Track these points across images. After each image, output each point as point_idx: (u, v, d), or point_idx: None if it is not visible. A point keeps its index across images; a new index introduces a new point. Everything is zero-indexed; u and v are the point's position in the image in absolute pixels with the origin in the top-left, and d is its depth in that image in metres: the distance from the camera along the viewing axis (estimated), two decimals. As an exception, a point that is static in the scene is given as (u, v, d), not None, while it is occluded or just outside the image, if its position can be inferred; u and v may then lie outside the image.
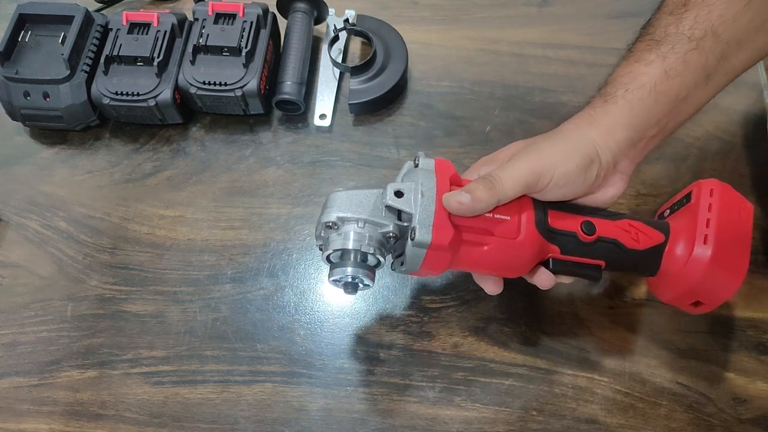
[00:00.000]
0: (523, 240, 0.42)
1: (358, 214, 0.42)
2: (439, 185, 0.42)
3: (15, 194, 0.61)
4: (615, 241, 0.44)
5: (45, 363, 0.53)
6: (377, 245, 0.42)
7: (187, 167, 0.61)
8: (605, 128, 0.43)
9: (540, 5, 0.69)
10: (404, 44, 0.63)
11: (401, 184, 0.42)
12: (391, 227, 0.42)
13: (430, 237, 0.40)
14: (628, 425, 0.49)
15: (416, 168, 0.44)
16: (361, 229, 0.42)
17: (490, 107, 0.63)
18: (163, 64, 0.59)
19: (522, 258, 0.43)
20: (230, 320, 0.54)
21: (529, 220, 0.43)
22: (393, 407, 0.50)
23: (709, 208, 0.43)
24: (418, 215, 0.41)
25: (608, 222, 0.44)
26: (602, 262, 0.45)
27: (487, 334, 0.52)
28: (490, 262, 0.43)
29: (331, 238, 0.43)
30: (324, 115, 0.63)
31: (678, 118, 0.45)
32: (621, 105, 0.43)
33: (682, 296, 0.45)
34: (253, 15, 0.60)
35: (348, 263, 0.42)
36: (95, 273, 0.56)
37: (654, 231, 0.45)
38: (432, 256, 0.41)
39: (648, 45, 0.44)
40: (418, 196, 0.41)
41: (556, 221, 0.44)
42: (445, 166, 0.44)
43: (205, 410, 0.51)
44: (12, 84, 0.59)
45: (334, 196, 0.44)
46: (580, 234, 0.43)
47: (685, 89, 0.43)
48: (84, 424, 0.50)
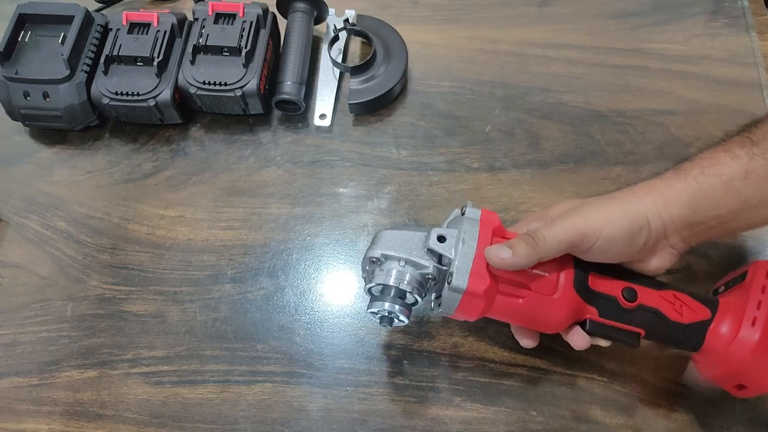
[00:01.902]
0: (559, 298, 0.43)
1: (401, 253, 0.44)
2: (481, 235, 0.43)
3: (15, 194, 0.61)
4: (657, 311, 0.43)
5: (45, 363, 0.53)
6: (416, 285, 0.44)
7: (187, 167, 0.61)
8: (664, 199, 0.43)
9: (540, 5, 0.69)
10: (404, 44, 0.63)
11: (445, 229, 0.44)
12: (431, 269, 0.44)
13: (465, 284, 0.41)
14: (627, 425, 0.49)
15: (462, 216, 0.45)
16: (403, 267, 0.44)
17: (490, 107, 0.63)
18: (163, 64, 0.59)
19: (557, 316, 0.43)
20: (230, 320, 0.54)
21: (567, 279, 0.43)
22: (393, 407, 0.50)
23: (762, 290, 0.42)
24: (457, 261, 0.42)
25: (652, 291, 0.44)
26: (642, 330, 0.44)
27: (487, 335, 0.52)
28: (524, 315, 0.44)
29: (375, 273, 0.45)
30: (324, 115, 0.63)
31: (742, 221, 0.44)
32: (689, 183, 0.43)
33: (724, 377, 0.44)
34: (253, 15, 0.60)
35: (387, 298, 0.44)
36: (95, 273, 0.56)
37: (700, 306, 0.44)
38: (467, 302, 0.42)
39: (742, 141, 0.44)
40: (460, 243, 0.43)
41: (596, 283, 0.44)
42: (490, 218, 0.45)
43: (205, 410, 0.51)
44: (12, 84, 0.59)
45: (383, 233, 0.45)
46: (620, 299, 0.43)
47: (759, 197, 0.42)
48: (84, 424, 0.50)
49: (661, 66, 0.64)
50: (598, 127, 0.61)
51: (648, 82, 0.63)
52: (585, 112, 0.62)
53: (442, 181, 0.59)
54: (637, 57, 0.65)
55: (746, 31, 0.65)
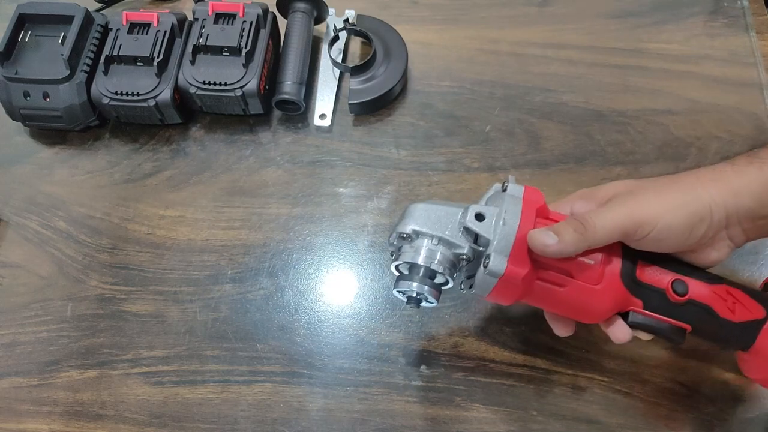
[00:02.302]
0: (603, 288, 0.40)
1: (434, 230, 0.41)
2: (524, 216, 0.40)
3: (15, 194, 0.61)
4: (707, 307, 0.40)
5: (45, 363, 0.53)
6: (448, 265, 0.41)
7: (187, 167, 0.61)
8: (731, 189, 0.39)
9: (540, 5, 0.69)
10: (404, 44, 0.63)
11: (484, 207, 0.41)
12: (466, 249, 0.41)
13: (504, 268, 0.38)
14: (628, 425, 0.49)
15: (503, 192, 0.42)
16: (435, 246, 0.41)
17: (490, 107, 0.63)
18: (163, 64, 0.59)
19: (599, 307, 0.41)
20: (230, 320, 0.54)
21: (614, 269, 0.40)
22: (393, 407, 0.50)
23: None
24: (496, 243, 0.39)
25: (704, 285, 0.41)
26: (688, 326, 0.41)
27: (487, 334, 0.52)
28: (564, 304, 0.41)
29: (404, 249, 0.42)
30: (324, 115, 0.63)
31: None
32: (764, 172, 0.39)
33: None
34: (253, 15, 0.60)
35: (415, 278, 0.41)
36: (95, 273, 0.56)
37: (755, 304, 0.41)
38: (502, 286, 0.39)
39: None
40: (500, 223, 0.39)
41: (645, 274, 0.41)
42: (534, 196, 0.41)
43: (205, 410, 0.50)
44: (12, 84, 0.59)
45: (414, 207, 0.42)
46: (669, 292, 0.40)
47: None
48: (84, 424, 0.50)
49: (660, 66, 0.64)
50: (598, 127, 0.61)
51: (648, 82, 0.63)
52: (585, 112, 0.62)
53: (441, 181, 0.59)
54: (636, 57, 0.65)
55: (746, 31, 0.65)
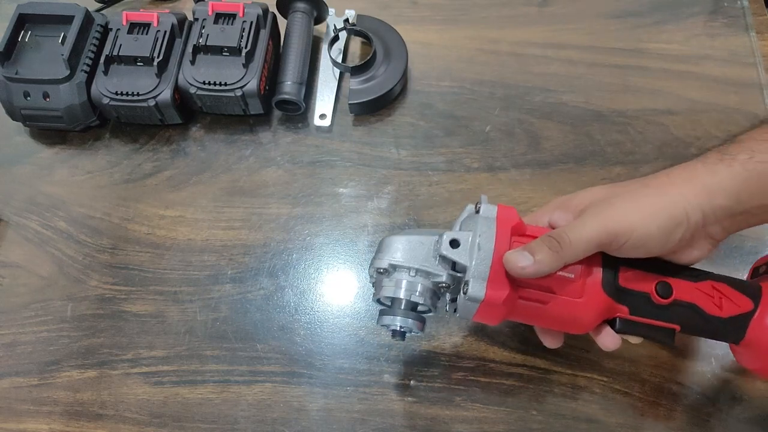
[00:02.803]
0: (586, 301, 0.40)
1: (410, 262, 0.41)
2: (498, 237, 0.39)
3: (15, 194, 0.61)
4: (694, 306, 0.40)
5: (45, 363, 0.53)
6: (429, 294, 0.41)
7: (187, 167, 0.61)
8: (706, 190, 0.38)
9: (540, 5, 0.69)
10: (404, 44, 0.63)
11: (458, 233, 0.40)
12: (445, 277, 0.41)
13: (483, 294, 0.38)
14: (627, 425, 0.49)
15: (476, 214, 0.41)
16: (413, 277, 0.41)
17: (489, 107, 0.63)
18: (163, 64, 0.59)
19: (584, 319, 0.40)
20: (230, 320, 0.54)
21: (595, 280, 0.40)
22: (393, 407, 0.50)
23: None
24: (473, 268, 0.39)
25: (688, 283, 0.40)
26: (677, 326, 0.41)
27: (487, 334, 0.52)
28: (549, 319, 0.41)
29: (383, 284, 0.42)
30: (324, 115, 0.63)
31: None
32: (735, 171, 0.38)
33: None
34: (253, 15, 0.60)
35: (398, 312, 0.41)
36: (95, 273, 0.56)
37: (741, 296, 0.40)
38: (485, 310, 0.39)
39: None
40: (475, 248, 0.39)
41: (627, 279, 0.40)
42: (507, 215, 0.41)
43: (205, 410, 0.51)
44: (12, 84, 0.59)
45: (389, 240, 0.42)
46: (653, 296, 0.40)
47: None
48: (84, 424, 0.50)
49: (660, 66, 0.64)
50: (598, 127, 0.61)
51: (648, 82, 0.63)
52: (585, 112, 0.62)
53: (441, 181, 0.59)
54: (636, 57, 0.65)
55: (746, 31, 0.65)
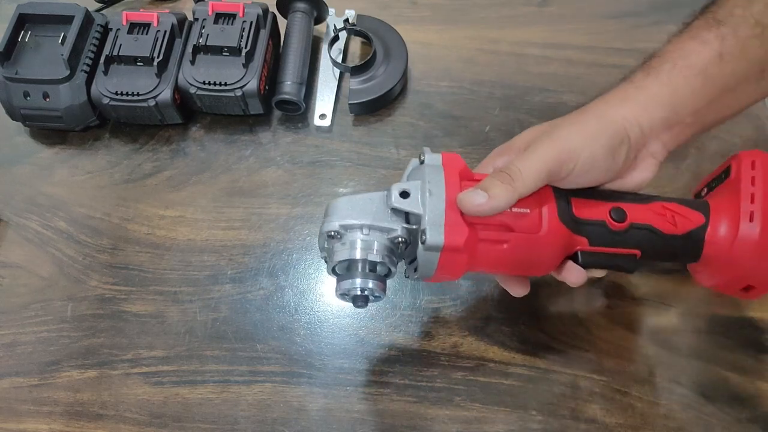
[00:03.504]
0: (546, 234, 0.39)
1: (361, 219, 0.39)
2: (448, 181, 0.38)
3: (15, 194, 0.61)
4: (650, 227, 0.40)
5: (45, 363, 0.53)
6: (386, 252, 0.39)
7: (187, 167, 0.61)
8: (640, 105, 0.40)
9: (540, 5, 0.69)
10: (404, 44, 0.63)
11: (406, 183, 0.39)
12: (399, 231, 0.39)
13: (442, 238, 0.37)
14: (627, 425, 0.49)
15: (422, 165, 0.40)
16: (367, 236, 0.39)
17: (489, 107, 0.63)
18: (163, 64, 0.59)
19: (547, 253, 0.40)
20: (230, 320, 0.54)
21: (551, 212, 0.39)
22: (393, 407, 0.50)
23: (752, 182, 0.39)
24: (428, 216, 0.37)
25: (640, 206, 0.41)
26: (637, 251, 0.41)
27: (487, 334, 0.52)
28: (512, 260, 0.40)
29: (336, 248, 0.40)
30: (324, 115, 0.63)
31: (720, 111, 0.42)
32: (663, 81, 0.40)
33: (730, 282, 0.41)
34: (252, 15, 0.60)
35: (356, 274, 0.39)
36: (95, 273, 0.56)
37: (692, 212, 0.41)
38: (447, 259, 0.38)
39: (708, 23, 0.41)
40: (426, 195, 0.38)
41: (581, 210, 0.40)
42: (453, 160, 0.40)
43: (205, 410, 0.51)
44: (12, 84, 0.59)
45: (335, 202, 0.40)
46: (609, 222, 0.40)
47: (735, 79, 0.40)
48: (84, 424, 0.50)
49: (660, 66, 0.64)
50: (597, 127, 0.61)
51: (647, 82, 0.63)
52: (584, 112, 0.62)
53: (441, 181, 0.59)
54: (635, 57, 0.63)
55: (745, 31, 0.65)
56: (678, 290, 0.54)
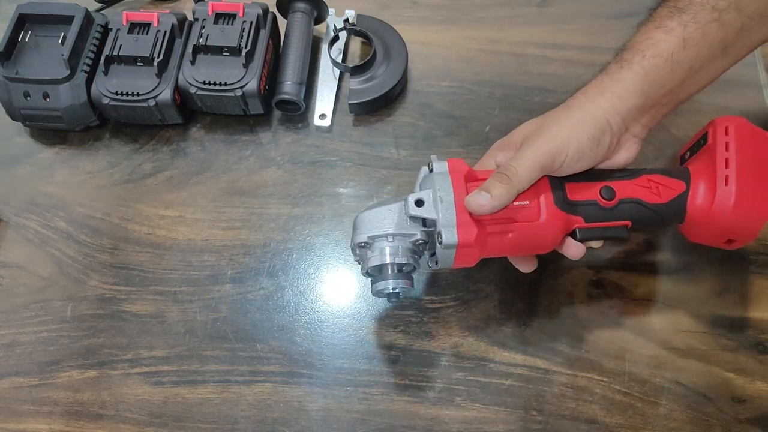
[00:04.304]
0: (545, 220, 0.44)
1: (385, 230, 0.45)
2: (455, 186, 0.44)
3: (15, 194, 0.61)
4: (637, 200, 0.45)
5: (45, 363, 0.53)
6: (410, 253, 0.45)
7: (187, 167, 0.61)
8: (617, 96, 0.44)
9: (539, 5, 0.69)
10: (404, 44, 0.63)
11: (420, 193, 0.44)
12: (419, 235, 0.45)
13: (456, 238, 0.42)
14: (627, 425, 0.49)
15: (431, 173, 0.46)
16: (391, 243, 0.45)
17: (489, 107, 0.63)
18: (163, 64, 0.59)
19: (547, 236, 0.45)
20: (230, 320, 0.54)
21: (548, 200, 0.44)
22: (393, 407, 0.50)
23: (726, 147, 0.44)
24: (441, 219, 0.43)
25: (627, 182, 0.45)
26: (628, 222, 0.45)
27: (487, 334, 0.52)
28: (518, 246, 0.45)
29: (367, 256, 0.46)
30: (324, 115, 0.63)
31: (692, 87, 0.46)
32: (635, 72, 0.44)
33: (713, 237, 0.46)
34: (253, 15, 0.60)
35: (388, 276, 0.45)
36: (95, 273, 0.56)
37: (674, 181, 0.45)
38: (462, 253, 0.44)
39: (670, 12, 0.44)
40: (438, 202, 0.43)
41: (574, 194, 0.45)
42: (458, 166, 0.45)
43: (205, 410, 0.51)
44: (12, 84, 0.59)
45: (361, 216, 0.46)
46: (600, 201, 0.45)
47: (700, 60, 0.44)
48: (84, 424, 0.50)
49: (660, 66, 0.64)
50: (597, 127, 0.61)
51: (647, 82, 0.63)
52: (585, 112, 0.62)
53: (441, 181, 0.59)
54: (636, 57, 0.64)
55: (746, 31, 0.65)
56: (678, 290, 0.54)
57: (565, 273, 0.54)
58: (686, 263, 0.55)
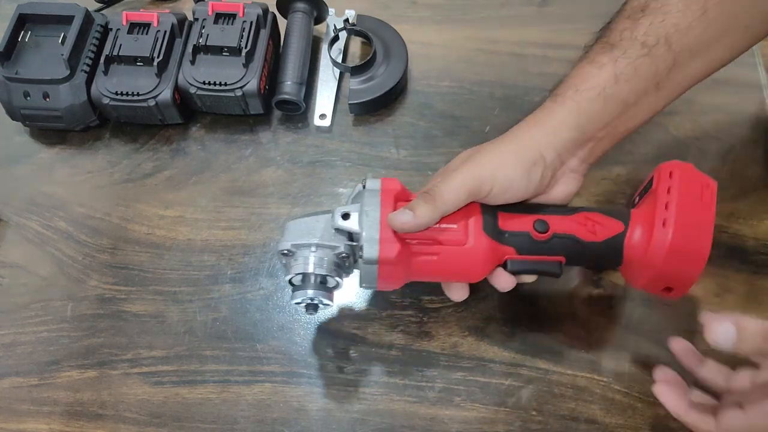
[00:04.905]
0: (472, 246, 0.43)
1: (309, 239, 0.45)
2: (383, 203, 0.44)
3: (15, 194, 0.61)
4: (572, 236, 0.44)
5: (45, 363, 0.53)
6: (333, 267, 0.45)
7: (187, 167, 0.61)
8: (551, 128, 0.44)
9: (539, 5, 0.69)
10: (404, 44, 0.63)
11: (348, 206, 0.45)
12: (343, 248, 0.45)
13: (376, 253, 0.42)
14: (627, 425, 0.49)
15: (363, 189, 0.46)
16: (315, 253, 0.45)
17: (489, 107, 0.63)
18: (163, 64, 0.59)
19: (475, 263, 0.44)
20: (230, 320, 0.54)
21: (476, 226, 0.43)
22: (393, 407, 0.50)
23: (668, 191, 0.42)
24: (364, 234, 0.43)
25: (563, 217, 0.44)
26: (562, 257, 0.45)
27: (487, 334, 0.52)
28: (445, 270, 0.45)
29: (290, 264, 0.46)
30: (324, 115, 0.63)
31: (628, 123, 0.45)
32: (568, 106, 0.44)
33: (650, 283, 0.44)
34: (253, 15, 0.60)
35: (308, 286, 0.45)
36: (95, 273, 0.56)
37: (612, 221, 0.44)
38: (384, 270, 0.43)
39: (602, 48, 0.45)
40: (364, 217, 0.44)
41: (506, 223, 0.44)
42: (390, 185, 0.45)
43: (205, 410, 0.51)
44: (12, 84, 0.59)
45: (289, 224, 0.47)
46: (533, 233, 0.44)
47: (634, 95, 0.44)
48: (84, 424, 0.50)
49: (660, 66, 0.64)
50: (597, 127, 0.61)
51: (647, 82, 0.63)
52: (585, 112, 0.62)
53: (441, 181, 0.59)
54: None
55: (746, 31, 0.65)
56: (678, 290, 0.54)
57: (564, 273, 0.54)
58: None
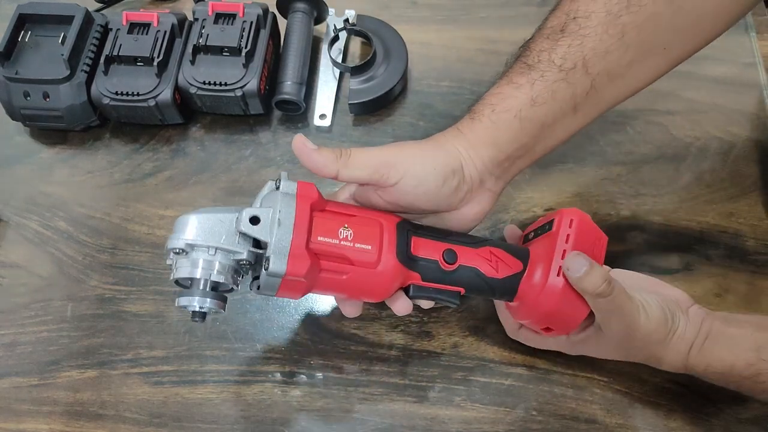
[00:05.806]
0: (383, 270, 0.42)
1: (208, 241, 0.40)
2: (299, 212, 0.40)
3: (15, 194, 0.61)
4: (475, 270, 0.44)
5: (45, 363, 0.53)
6: (230, 272, 0.41)
7: (187, 167, 0.61)
8: (470, 143, 0.44)
9: (539, 5, 0.69)
10: (404, 44, 0.63)
11: (258, 209, 0.40)
12: (245, 255, 0.40)
13: (284, 268, 0.39)
14: (627, 425, 0.49)
15: (277, 191, 0.42)
16: (212, 256, 0.40)
17: (489, 107, 0.63)
18: (163, 64, 0.59)
19: (383, 286, 0.43)
20: (230, 320, 0.54)
21: (390, 250, 0.42)
22: (393, 407, 0.50)
23: (567, 239, 0.43)
24: (274, 244, 0.39)
25: (470, 250, 0.45)
26: (462, 288, 0.45)
27: (487, 334, 0.52)
28: (350, 289, 0.43)
29: (179, 263, 0.41)
30: (324, 115, 0.63)
31: (546, 142, 0.45)
32: (485, 124, 0.43)
33: (535, 321, 0.46)
34: (253, 15, 0.60)
35: (196, 292, 0.40)
36: (95, 273, 0.56)
37: (514, 260, 0.45)
38: (287, 285, 0.40)
39: (521, 68, 0.44)
40: (275, 224, 0.39)
41: (418, 249, 0.44)
42: (307, 191, 0.42)
43: (205, 410, 0.51)
44: (12, 84, 0.59)
45: (185, 219, 0.40)
46: (441, 263, 0.43)
47: (552, 117, 0.43)
48: (84, 424, 0.50)
49: (660, 66, 0.64)
50: (597, 127, 0.61)
51: (647, 82, 0.63)
52: (585, 112, 0.62)
53: (441, 181, 0.59)
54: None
55: (745, 31, 0.65)
56: (678, 290, 0.54)
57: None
58: (686, 263, 0.55)
